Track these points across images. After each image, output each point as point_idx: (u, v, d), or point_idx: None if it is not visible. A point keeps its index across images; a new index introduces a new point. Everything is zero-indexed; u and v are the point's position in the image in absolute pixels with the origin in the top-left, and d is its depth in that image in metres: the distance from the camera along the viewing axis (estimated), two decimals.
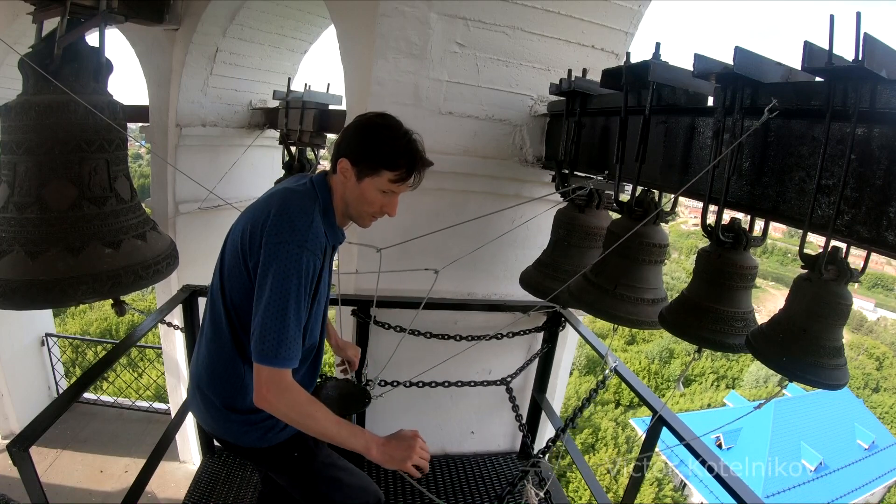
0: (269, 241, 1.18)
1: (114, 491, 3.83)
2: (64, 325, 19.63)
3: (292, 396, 1.19)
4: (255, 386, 1.18)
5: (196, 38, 3.30)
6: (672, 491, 17.99)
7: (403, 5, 2.04)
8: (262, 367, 1.16)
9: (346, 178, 1.27)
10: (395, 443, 1.27)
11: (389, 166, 1.24)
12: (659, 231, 1.68)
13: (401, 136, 1.24)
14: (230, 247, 1.30)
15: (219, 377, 1.36)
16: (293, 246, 1.16)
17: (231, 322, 1.31)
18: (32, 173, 1.83)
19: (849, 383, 1.34)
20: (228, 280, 1.30)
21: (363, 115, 1.30)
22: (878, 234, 1.01)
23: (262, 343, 1.15)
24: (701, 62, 1.29)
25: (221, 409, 1.36)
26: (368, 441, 1.24)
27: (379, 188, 1.27)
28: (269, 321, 1.15)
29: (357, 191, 1.27)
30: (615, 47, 2.38)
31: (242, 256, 1.24)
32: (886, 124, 1.00)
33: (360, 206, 1.31)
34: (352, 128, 1.28)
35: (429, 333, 2.51)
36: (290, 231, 1.18)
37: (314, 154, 3.32)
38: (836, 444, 19.14)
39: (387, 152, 1.23)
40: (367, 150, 1.24)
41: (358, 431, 1.27)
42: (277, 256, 1.16)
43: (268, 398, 1.17)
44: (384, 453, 1.24)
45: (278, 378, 1.16)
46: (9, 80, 3.67)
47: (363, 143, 1.24)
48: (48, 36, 1.88)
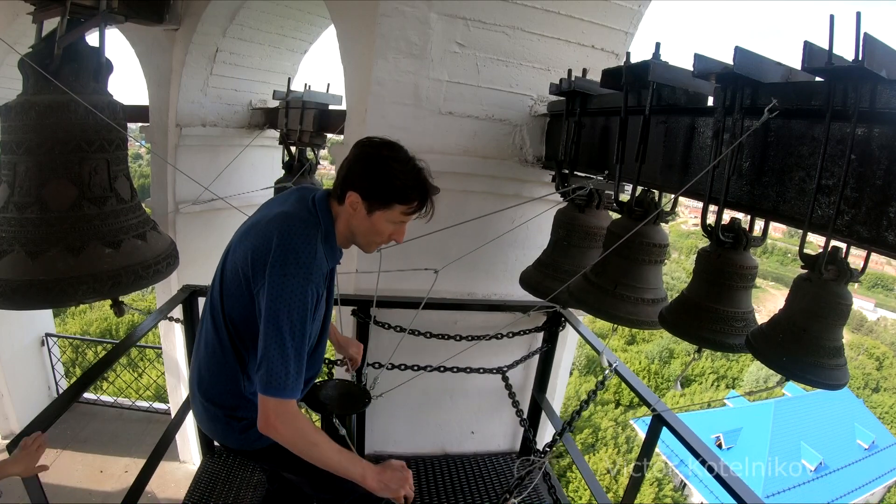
0: (274, 274, 1.18)
1: (114, 491, 3.83)
2: (64, 325, 19.61)
3: (299, 425, 1.22)
4: (260, 413, 1.20)
5: (196, 38, 3.30)
6: (672, 491, 17.98)
7: (403, 5, 2.04)
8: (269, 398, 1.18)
9: (354, 211, 1.27)
10: (389, 473, 1.32)
11: (402, 201, 1.25)
12: (659, 231, 1.68)
13: (411, 170, 1.25)
14: (230, 266, 1.30)
15: (220, 389, 1.39)
16: (298, 279, 1.17)
17: (231, 337, 1.34)
18: (32, 173, 1.84)
19: (849, 383, 1.34)
20: (228, 297, 1.31)
21: (369, 143, 1.29)
22: (878, 234, 1.01)
23: (268, 376, 1.17)
24: (701, 62, 1.29)
25: (223, 419, 1.40)
26: (365, 469, 1.29)
27: (390, 220, 1.28)
28: (276, 355, 1.16)
29: (367, 223, 1.28)
30: (615, 47, 2.38)
31: (245, 281, 1.25)
32: (886, 124, 1.00)
33: (368, 237, 1.32)
34: (361, 160, 1.26)
35: (429, 333, 2.51)
36: (294, 265, 1.18)
37: (314, 154, 3.32)
38: (836, 444, 19.13)
39: (399, 187, 1.23)
40: (379, 186, 1.23)
41: (356, 460, 1.31)
42: (283, 291, 1.17)
43: (276, 426, 1.19)
44: (379, 482, 1.29)
45: (285, 408, 1.19)
46: (9, 80, 3.67)
47: (374, 178, 1.24)
48: (48, 36, 1.89)
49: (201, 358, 1.41)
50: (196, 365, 1.45)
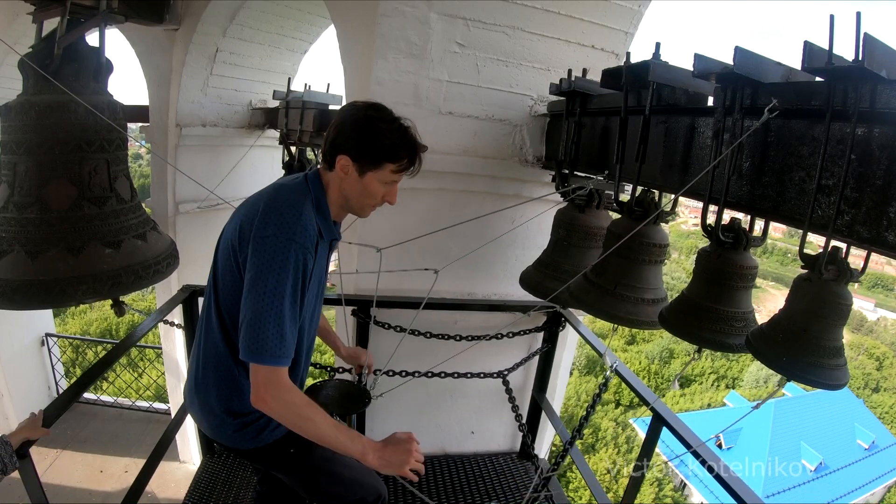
0: (258, 235, 1.17)
1: (114, 491, 3.83)
2: (64, 325, 19.60)
3: (290, 398, 1.17)
4: (252, 386, 1.16)
5: (196, 38, 3.30)
6: (672, 491, 17.98)
7: (403, 5, 2.04)
8: (259, 367, 1.14)
9: (346, 174, 1.27)
10: (391, 448, 1.26)
11: (392, 159, 1.25)
12: (659, 231, 1.68)
13: (397, 128, 1.25)
14: (223, 245, 1.29)
15: (213, 380, 1.34)
16: (282, 239, 1.15)
17: (223, 322, 1.30)
18: (32, 173, 1.83)
19: (849, 383, 1.34)
20: (222, 279, 1.29)
21: (353, 106, 1.29)
22: (878, 234, 1.01)
23: (253, 340, 1.12)
24: (701, 62, 1.29)
25: (219, 414, 1.36)
26: (365, 446, 1.24)
27: (381, 180, 1.28)
28: (257, 315, 1.12)
29: (359, 185, 1.28)
30: (615, 47, 2.38)
31: (233, 253, 1.23)
32: (886, 124, 1.00)
33: (362, 199, 1.31)
34: (347, 123, 1.26)
35: (429, 333, 2.51)
36: (277, 224, 1.17)
37: (314, 154, 3.32)
38: (836, 444, 19.12)
39: (387, 145, 1.24)
40: (368, 146, 1.23)
41: (355, 436, 1.26)
42: (266, 250, 1.15)
43: (265, 399, 1.15)
44: (381, 458, 1.23)
45: (275, 378, 1.15)
46: (9, 80, 3.68)
47: (362, 138, 1.23)
48: (48, 36, 1.89)
49: (199, 353, 1.38)
50: (194, 361, 1.42)
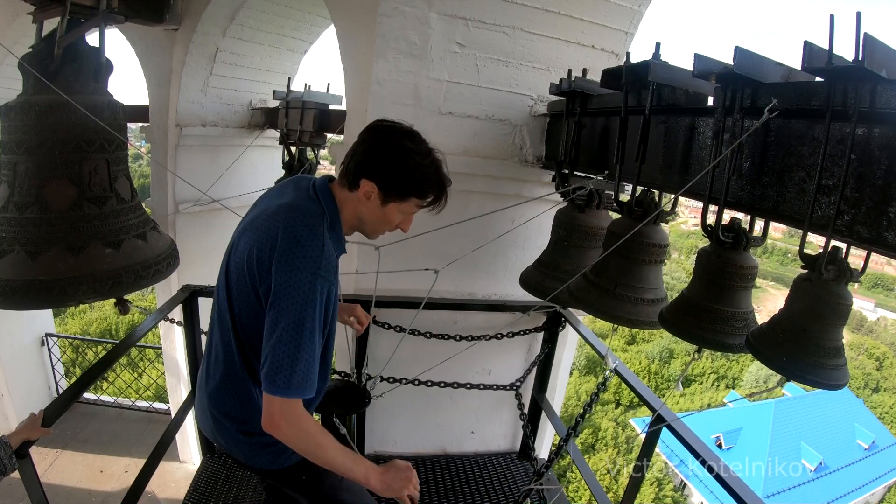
0: (280, 270, 1.14)
1: (114, 491, 3.83)
2: (64, 325, 19.61)
3: (304, 426, 1.18)
4: (264, 412, 1.16)
5: (196, 38, 3.30)
6: (672, 491, 17.98)
7: (403, 5, 2.04)
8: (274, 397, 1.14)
9: (368, 200, 1.23)
10: (393, 473, 1.29)
11: (420, 195, 1.24)
12: (659, 231, 1.68)
13: (430, 163, 1.22)
14: (235, 266, 1.25)
15: (230, 401, 1.34)
16: (306, 274, 1.13)
17: (241, 344, 1.29)
18: (32, 173, 1.84)
19: (849, 383, 1.34)
20: (237, 302, 1.26)
21: (390, 130, 1.23)
22: (878, 234, 1.01)
23: (273, 374, 1.12)
24: (701, 62, 1.29)
25: (235, 434, 1.36)
26: (368, 470, 1.26)
27: (403, 211, 1.27)
28: (282, 352, 1.12)
29: (379, 212, 1.26)
30: (615, 47, 2.38)
31: (251, 281, 1.20)
32: (886, 124, 1.00)
33: (377, 225, 1.31)
34: (380, 149, 1.21)
35: (429, 333, 2.51)
36: (301, 259, 1.14)
37: (314, 154, 3.32)
38: (836, 444, 19.13)
39: (418, 180, 1.21)
40: (398, 179, 1.21)
41: (360, 460, 1.28)
42: (290, 286, 1.13)
43: (280, 426, 1.15)
44: (383, 482, 1.27)
45: (290, 408, 1.15)
46: (9, 81, 3.67)
47: (394, 170, 1.20)
48: (48, 36, 1.89)
49: (211, 367, 1.36)
50: (204, 373, 1.40)
